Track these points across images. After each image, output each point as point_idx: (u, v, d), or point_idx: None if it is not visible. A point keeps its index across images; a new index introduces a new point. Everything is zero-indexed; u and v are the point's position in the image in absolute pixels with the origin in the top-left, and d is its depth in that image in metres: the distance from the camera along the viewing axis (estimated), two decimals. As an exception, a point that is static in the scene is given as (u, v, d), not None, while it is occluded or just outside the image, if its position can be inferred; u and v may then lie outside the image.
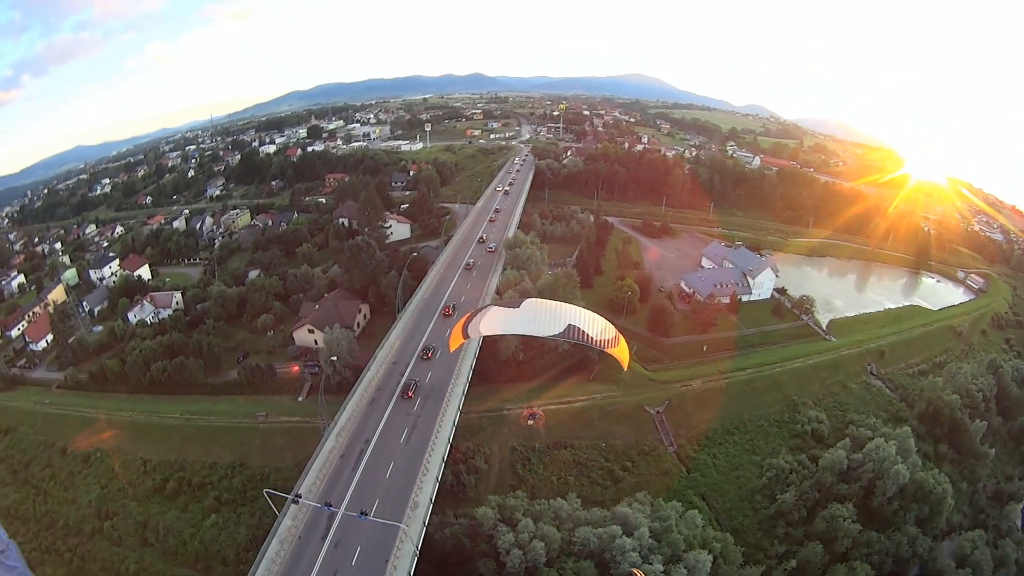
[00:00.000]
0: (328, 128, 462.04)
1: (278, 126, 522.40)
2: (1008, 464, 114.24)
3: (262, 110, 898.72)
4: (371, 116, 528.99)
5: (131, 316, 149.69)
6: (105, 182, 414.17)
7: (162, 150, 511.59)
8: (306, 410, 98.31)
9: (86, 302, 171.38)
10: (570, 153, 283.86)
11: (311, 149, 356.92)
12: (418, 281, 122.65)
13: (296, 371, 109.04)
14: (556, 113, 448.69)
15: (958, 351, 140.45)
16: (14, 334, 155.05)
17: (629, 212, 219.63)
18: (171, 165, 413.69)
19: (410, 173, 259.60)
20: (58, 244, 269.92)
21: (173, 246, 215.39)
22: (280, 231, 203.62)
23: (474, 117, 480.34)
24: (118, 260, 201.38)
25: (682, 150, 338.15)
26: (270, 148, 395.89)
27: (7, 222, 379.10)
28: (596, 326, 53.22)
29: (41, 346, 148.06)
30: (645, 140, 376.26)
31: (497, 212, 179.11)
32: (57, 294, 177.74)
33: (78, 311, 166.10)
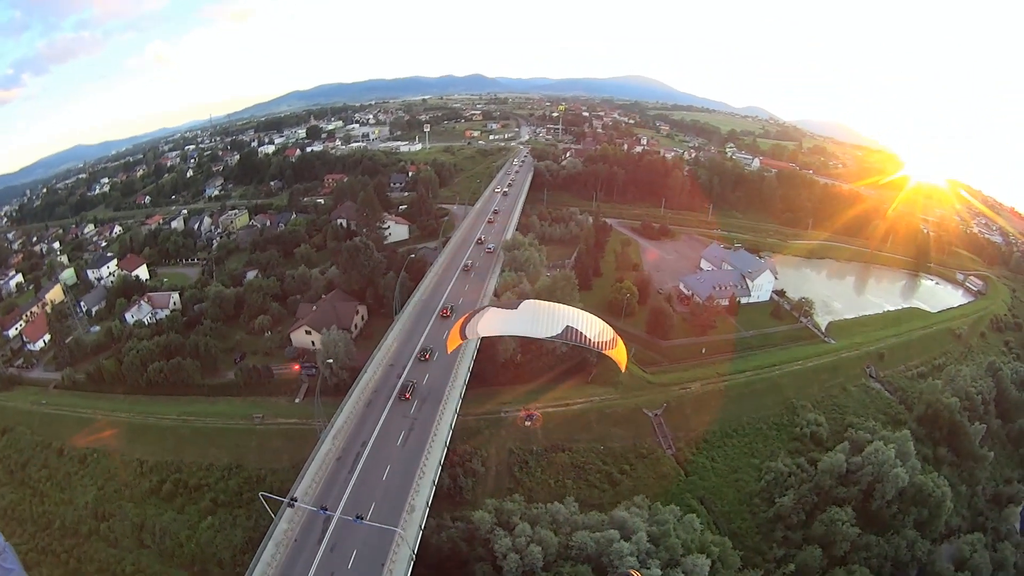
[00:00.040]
0: (327, 129, 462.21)
1: (277, 126, 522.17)
2: (1007, 467, 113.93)
3: (262, 110, 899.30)
4: (370, 117, 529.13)
5: (128, 316, 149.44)
6: (104, 182, 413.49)
7: (161, 150, 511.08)
8: (303, 412, 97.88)
9: (84, 302, 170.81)
10: (569, 154, 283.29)
11: (310, 149, 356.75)
12: (416, 282, 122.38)
13: (297, 369, 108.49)
14: (555, 114, 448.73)
15: (957, 353, 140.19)
16: (11, 334, 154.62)
17: (628, 214, 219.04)
18: (170, 165, 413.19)
19: (409, 174, 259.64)
20: (56, 243, 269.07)
21: (171, 246, 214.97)
22: (278, 232, 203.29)
23: (473, 118, 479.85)
24: (116, 260, 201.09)
25: (681, 152, 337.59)
26: (269, 148, 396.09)
27: (6, 221, 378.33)
28: (594, 328, 53.06)
29: (39, 346, 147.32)
30: (644, 142, 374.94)
31: (496, 213, 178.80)
32: (55, 294, 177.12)
33: (75, 311, 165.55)
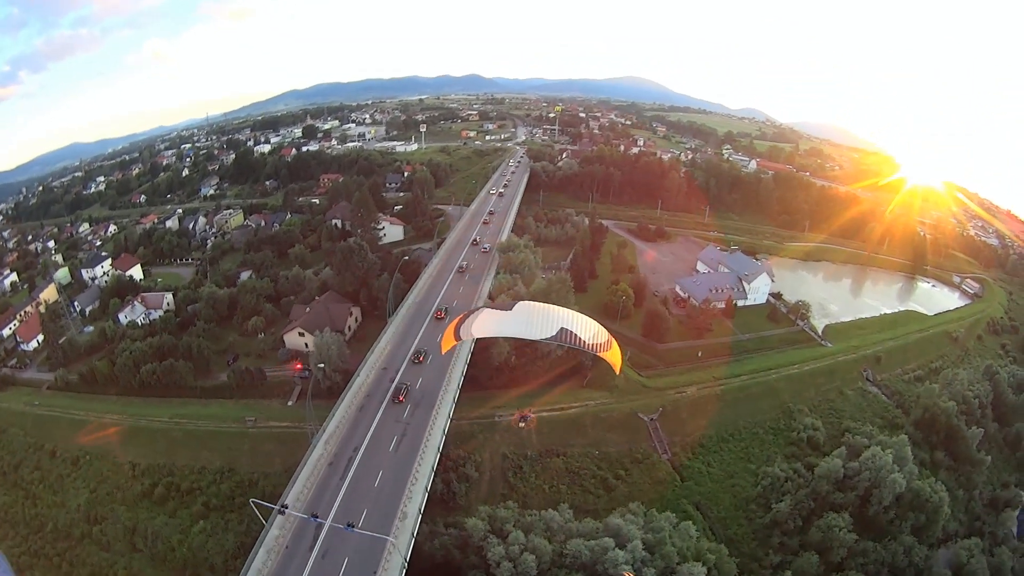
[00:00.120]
0: (323, 128, 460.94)
1: (274, 125, 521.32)
2: (1004, 471, 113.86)
3: (259, 109, 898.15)
4: (367, 116, 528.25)
5: (122, 317, 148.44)
6: (100, 180, 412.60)
7: (158, 148, 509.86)
8: (295, 415, 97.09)
9: (77, 302, 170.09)
10: (565, 155, 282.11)
11: (306, 149, 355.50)
12: (410, 284, 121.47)
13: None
14: (552, 115, 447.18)
15: (954, 357, 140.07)
16: (5, 334, 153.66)
17: (624, 215, 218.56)
18: (166, 164, 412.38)
19: (404, 174, 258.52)
20: (51, 242, 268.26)
21: (166, 246, 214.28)
22: (273, 232, 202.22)
23: (470, 118, 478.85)
24: (110, 259, 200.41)
25: (678, 153, 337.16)
26: (265, 148, 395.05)
27: (1, 219, 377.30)
28: (589, 330, 52.43)
29: (32, 346, 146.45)
30: (641, 143, 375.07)
31: (491, 214, 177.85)
32: (49, 293, 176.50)
33: (69, 311, 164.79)
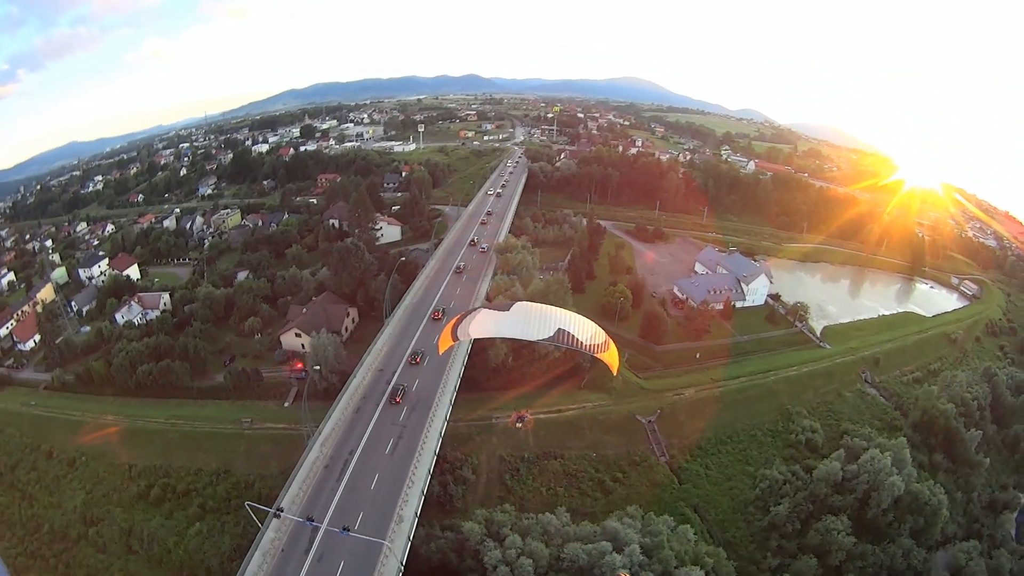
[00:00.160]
0: (321, 128, 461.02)
1: (272, 125, 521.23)
2: (1003, 473, 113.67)
3: (257, 108, 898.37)
4: (365, 116, 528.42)
5: (119, 317, 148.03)
6: (98, 179, 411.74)
7: (156, 147, 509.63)
8: (292, 416, 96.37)
9: (74, 302, 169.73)
10: (564, 156, 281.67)
11: (304, 149, 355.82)
12: (408, 285, 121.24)
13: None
14: (550, 115, 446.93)
15: (952, 358, 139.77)
16: (2, 333, 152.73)
17: (622, 216, 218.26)
18: (164, 163, 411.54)
19: (402, 174, 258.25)
20: (49, 242, 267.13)
21: (163, 245, 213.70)
22: (270, 232, 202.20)
23: (468, 118, 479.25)
24: (107, 259, 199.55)
25: (676, 154, 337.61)
26: (263, 147, 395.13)
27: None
28: (586, 331, 52.31)
29: (29, 346, 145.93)
30: (639, 143, 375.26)
31: (489, 215, 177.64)
32: (46, 293, 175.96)
33: (66, 311, 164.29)
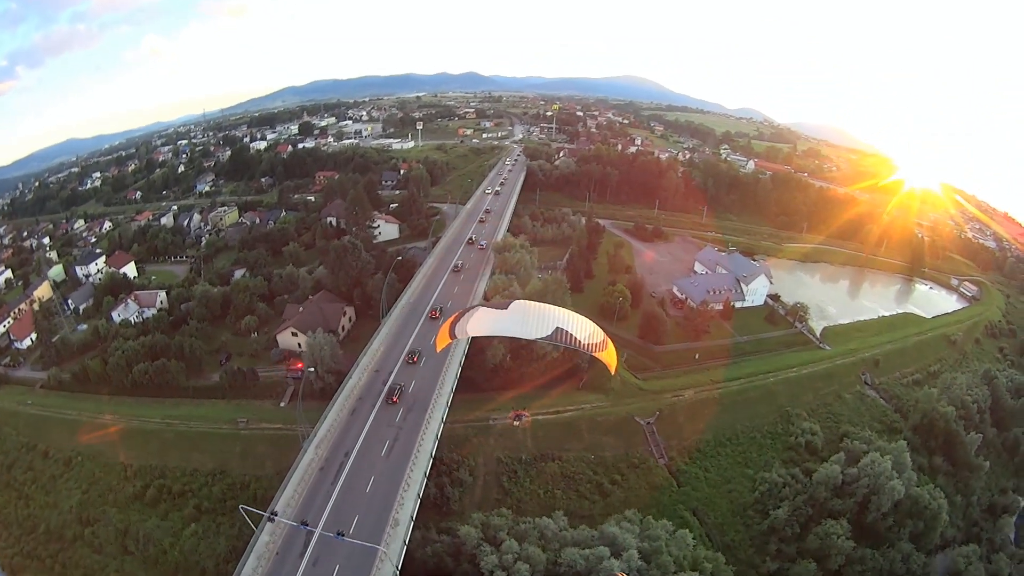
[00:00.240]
0: (320, 125, 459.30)
1: (270, 122, 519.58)
2: (1002, 476, 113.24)
3: (255, 105, 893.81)
4: (364, 113, 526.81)
5: (115, 315, 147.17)
6: (96, 176, 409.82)
7: (154, 144, 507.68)
8: (288, 416, 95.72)
9: (71, 300, 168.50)
10: (563, 154, 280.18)
11: (302, 146, 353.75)
12: (405, 283, 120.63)
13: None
14: (549, 113, 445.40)
15: (952, 360, 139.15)
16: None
17: (621, 215, 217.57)
18: (162, 160, 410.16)
19: (400, 172, 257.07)
20: (46, 239, 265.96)
21: (160, 243, 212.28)
22: (267, 229, 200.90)
23: (467, 116, 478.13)
24: (104, 257, 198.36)
25: (676, 153, 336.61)
26: (261, 144, 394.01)
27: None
28: (584, 330, 51.87)
29: (26, 344, 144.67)
30: (639, 142, 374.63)
31: (488, 213, 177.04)
32: (43, 291, 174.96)
33: (63, 309, 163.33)
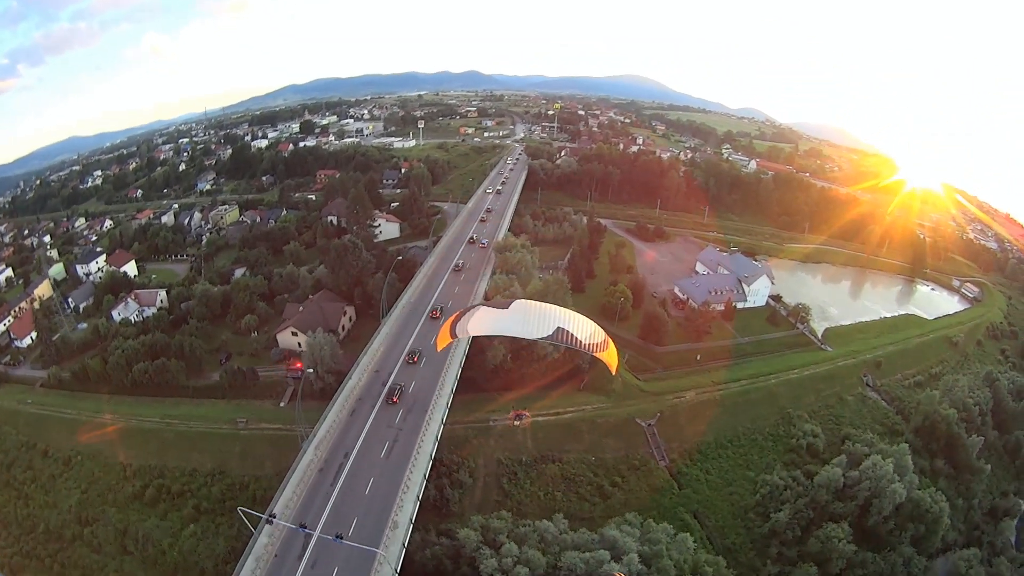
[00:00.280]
0: (321, 123, 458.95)
1: (271, 120, 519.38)
2: (1003, 480, 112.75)
3: (257, 103, 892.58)
4: (365, 112, 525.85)
5: (115, 314, 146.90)
6: (97, 174, 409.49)
7: (155, 142, 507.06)
8: (287, 417, 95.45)
9: (71, 298, 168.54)
10: (564, 153, 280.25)
11: (303, 144, 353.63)
12: (405, 283, 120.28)
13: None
14: (551, 112, 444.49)
15: (954, 362, 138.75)
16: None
17: (623, 214, 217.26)
18: (163, 158, 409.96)
19: (401, 171, 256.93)
20: (47, 237, 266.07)
21: (161, 242, 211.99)
22: (268, 228, 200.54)
23: (468, 115, 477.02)
24: (105, 255, 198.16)
25: (677, 152, 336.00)
26: (262, 143, 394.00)
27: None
28: (585, 329, 51.73)
29: (26, 343, 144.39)
30: (640, 141, 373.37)
31: (489, 212, 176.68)
32: (43, 289, 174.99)
33: (63, 308, 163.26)
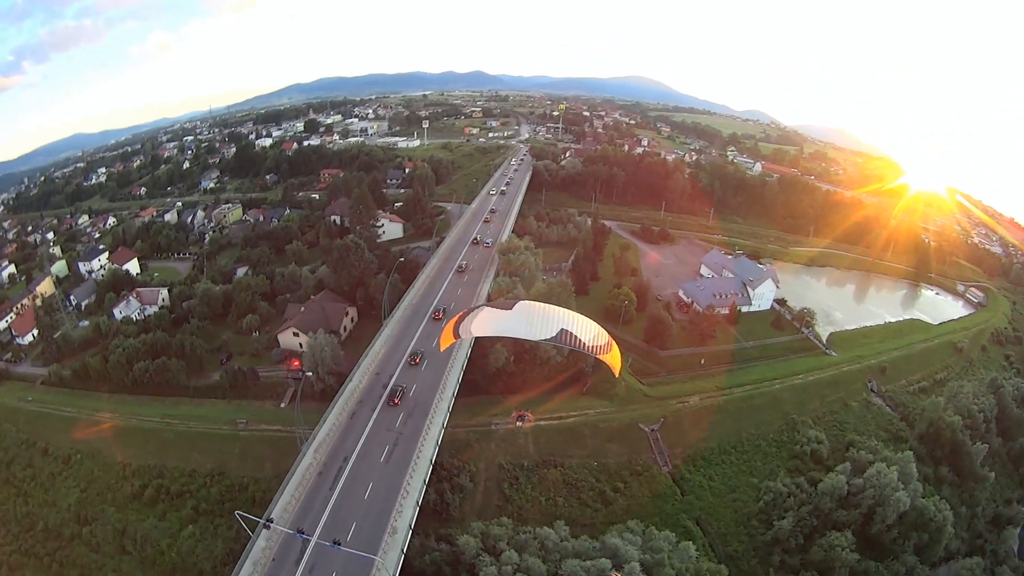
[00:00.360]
0: (325, 123, 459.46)
1: (276, 119, 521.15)
2: (1007, 487, 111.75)
3: (262, 102, 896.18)
4: (370, 111, 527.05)
5: (117, 312, 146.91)
6: (101, 171, 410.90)
7: (160, 140, 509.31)
8: (287, 418, 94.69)
9: (73, 296, 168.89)
10: (569, 154, 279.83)
11: (307, 143, 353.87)
12: (408, 284, 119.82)
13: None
14: (556, 113, 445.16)
15: (958, 368, 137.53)
16: (1, 327, 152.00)
17: (627, 216, 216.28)
18: (167, 156, 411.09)
19: (405, 170, 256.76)
20: (50, 234, 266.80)
21: (163, 240, 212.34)
22: (271, 227, 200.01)
23: (473, 115, 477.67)
24: (107, 253, 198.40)
25: (682, 154, 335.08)
26: (266, 141, 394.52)
27: (2, 210, 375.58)
28: (589, 331, 51.23)
29: (27, 340, 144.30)
30: (645, 143, 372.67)
31: (493, 213, 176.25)
32: (46, 286, 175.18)
33: (65, 305, 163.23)
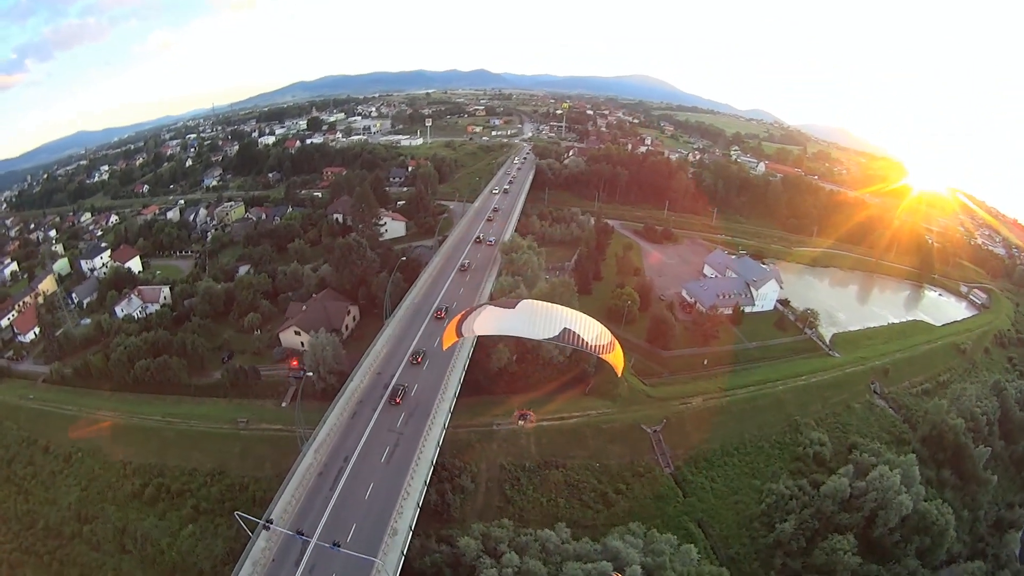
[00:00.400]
0: (328, 120, 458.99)
1: (279, 117, 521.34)
2: (1009, 491, 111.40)
3: (265, 100, 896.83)
4: (373, 109, 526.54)
5: (118, 310, 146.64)
6: (104, 169, 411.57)
7: (163, 138, 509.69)
8: (288, 417, 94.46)
9: (75, 293, 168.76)
10: (572, 153, 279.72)
11: (310, 141, 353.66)
12: (410, 283, 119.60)
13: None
14: (559, 112, 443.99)
15: (961, 370, 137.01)
16: (3, 324, 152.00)
17: (630, 216, 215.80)
18: (170, 154, 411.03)
19: (408, 169, 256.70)
20: (53, 231, 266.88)
21: (165, 238, 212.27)
22: (273, 225, 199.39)
23: (476, 113, 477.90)
24: (109, 251, 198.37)
25: (686, 153, 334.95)
26: (269, 139, 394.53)
27: (4, 207, 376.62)
28: (592, 331, 51.22)
29: (29, 338, 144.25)
30: (648, 142, 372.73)
31: (495, 212, 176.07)
32: (47, 284, 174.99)
33: (66, 303, 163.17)
